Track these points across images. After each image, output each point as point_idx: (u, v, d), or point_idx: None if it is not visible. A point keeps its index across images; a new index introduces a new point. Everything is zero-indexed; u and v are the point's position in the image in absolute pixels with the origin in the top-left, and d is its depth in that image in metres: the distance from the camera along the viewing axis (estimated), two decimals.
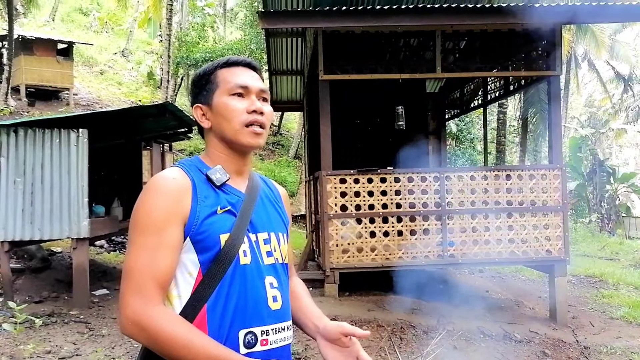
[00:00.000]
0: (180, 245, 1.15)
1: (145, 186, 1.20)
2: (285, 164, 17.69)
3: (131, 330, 1.10)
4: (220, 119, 1.25)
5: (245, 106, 1.25)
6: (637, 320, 6.19)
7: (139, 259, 1.12)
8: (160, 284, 1.12)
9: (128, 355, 4.51)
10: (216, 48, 17.26)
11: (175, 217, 1.14)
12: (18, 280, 6.59)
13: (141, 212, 1.15)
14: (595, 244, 13.58)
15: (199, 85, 1.31)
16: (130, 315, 1.09)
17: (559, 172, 6.04)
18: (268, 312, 1.20)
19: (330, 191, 5.87)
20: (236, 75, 1.28)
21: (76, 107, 15.39)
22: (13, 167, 5.87)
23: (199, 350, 1.07)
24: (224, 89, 1.26)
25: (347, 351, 1.27)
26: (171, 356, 1.09)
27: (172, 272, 1.14)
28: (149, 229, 1.13)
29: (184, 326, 1.10)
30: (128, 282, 1.11)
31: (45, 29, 20.53)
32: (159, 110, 7.16)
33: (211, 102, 1.27)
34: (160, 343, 1.08)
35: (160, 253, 1.12)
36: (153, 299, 1.10)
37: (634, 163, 32.80)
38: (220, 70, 1.29)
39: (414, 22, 5.86)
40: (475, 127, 17.84)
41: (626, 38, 25.73)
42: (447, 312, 5.86)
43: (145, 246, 1.12)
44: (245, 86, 1.26)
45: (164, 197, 1.15)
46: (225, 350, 1.10)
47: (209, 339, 1.11)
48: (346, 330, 1.25)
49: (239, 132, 1.24)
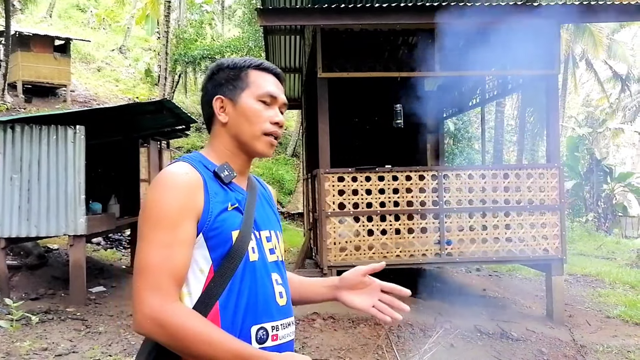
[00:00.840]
0: (193, 241, 1.14)
1: (156, 181, 1.17)
2: (283, 162, 17.68)
3: (149, 328, 1.07)
4: (243, 119, 1.24)
5: (270, 115, 1.26)
6: (633, 319, 6.21)
7: (154, 255, 1.10)
8: (176, 281, 1.11)
9: (125, 352, 4.51)
10: (214, 45, 17.24)
11: (189, 213, 1.13)
12: (14, 277, 6.57)
13: (154, 207, 1.13)
14: (592, 243, 13.62)
15: (226, 77, 1.27)
16: (148, 312, 1.07)
17: (556, 171, 6.05)
18: (277, 307, 1.22)
19: (328, 189, 5.86)
20: (268, 83, 1.28)
21: (73, 104, 15.34)
22: (9, 164, 5.84)
23: (219, 345, 1.07)
24: (254, 92, 1.25)
25: (369, 289, 1.37)
26: (191, 352, 1.08)
27: (187, 268, 1.13)
28: (163, 224, 1.11)
29: (203, 322, 1.09)
30: (144, 279, 1.09)
31: (43, 25, 20.44)
32: (156, 107, 7.13)
33: (237, 100, 1.25)
34: (181, 339, 1.07)
35: (176, 249, 1.11)
36: (171, 296, 1.09)
37: (630, 162, 32.90)
38: (252, 70, 1.28)
39: (412, 20, 5.85)
40: (473, 125, 17.85)
41: (624, 38, 25.75)
42: (444, 311, 5.87)
43: (160, 242, 1.10)
44: (274, 96, 1.27)
45: (177, 192, 1.13)
46: (244, 345, 1.11)
47: (227, 334, 1.10)
48: (364, 270, 1.35)
49: (258, 138, 1.25)
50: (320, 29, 6.02)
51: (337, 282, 1.38)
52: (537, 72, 6.48)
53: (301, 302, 1.47)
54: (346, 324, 5.23)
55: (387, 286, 1.36)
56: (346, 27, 6.11)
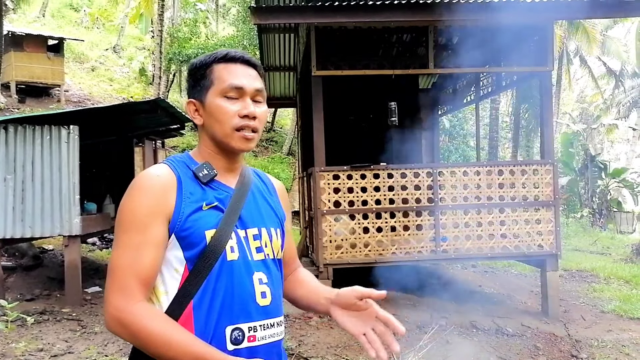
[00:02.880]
0: (164, 242, 1.15)
1: (131, 184, 1.19)
2: (279, 161, 17.66)
3: (114, 327, 1.11)
4: (212, 120, 1.22)
5: (238, 109, 1.21)
6: (627, 314, 6.25)
7: (122, 257, 1.13)
8: (142, 282, 1.12)
9: (121, 352, 4.50)
10: (208, 44, 17.18)
11: (158, 214, 1.13)
12: (9, 278, 6.54)
13: (125, 210, 1.15)
14: (586, 238, 13.69)
15: (194, 78, 1.26)
16: (112, 312, 1.10)
17: (550, 168, 6.07)
18: (256, 308, 1.19)
19: (323, 187, 5.87)
20: (232, 74, 1.22)
21: (67, 104, 15.26)
22: (3, 164, 5.81)
23: (179, 346, 1.07)
24: (218, 88, 1.21)
25: (365, 314, 1.25)
26: (152, 353, 1.10)
27: (156, 270, 1.14)
28: (133, 227, 1.13)
29: (165, 323, 1.10)
30: (111, 280, 1.12)
31: (36, 25, 20.33)
32: (151, 106, 7.12)
33: (204, 100, 1.23)
34: (141, 339, 1.09)
35: (144, 251, 1.12)
36: (135, 297, 1.10)
37: (625, 158, 33.05)
38: (217, 65, 1.23)
39: (406, 18, 5.85)
40: (468, 123, 17.90)
41: (617, 34, 25.88)
42: (440, 307, 5.89)
43: (128, 244, 1.12)
44: (240, 87, 1.21)
45: (147, 195, 1.14)
46: (205, 348, 1.10)
47: (190, 336, 1.10)
48: (361, 293, 1.23)
49: (229, 135, 1.21)
50: (314, 27, 6.01)
51: (334, 296, 1.29)
52: (531, 69, 6.50)
53: (309, 309, 1.44)
54: None
55: (384, 317, 1.23)
56: (340, 25, 6.11)
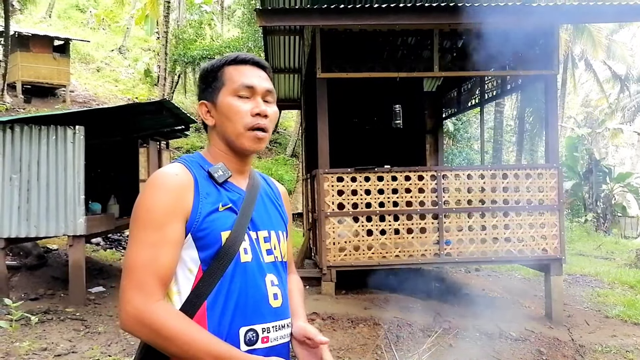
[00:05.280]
0: (181, 242, 1.14)
1: (147, 182, 1.19)
2: (283, 162, 17.67)
3: (132, 326, 1.09)
4: (224, 119, 1.24)
5: (250, 108, 1.23)
6: (632, 319, 6.22)
7: (140, 254, 1.11)
8: (161, 280, 1.11)
9: (124, 352, 4.51)
10: (213, 46, 17.23)
11: (177, 213, 1.13)
12: (14, 278, 6.57)
13: (143, 208, 1.15)
14: (591, 243, 13.63)
15: (206, 80, 1.28)
16: (131, 311, 1.08)
17: (555, 172, 6.06)
18: (269, 309, 1.21)
19: (327, 189, 5.87)
20: (243, 75, 1.25)
21: (72, 104, 15.33)
22: (9, 164, 5.84)
23: (200, 346, 1.08)
24: (229, 88, 1.24)
25: (314, 352, 1.28)
26: (172, 352, 1.09)
27: (174, 268, 1.14)
28: (151, 225, 1.12)
29: (186, 322, 1.10)
30: (129, 278, 1.11)
31: (42, 26, 20.43)
32: (156, 107, 7.14)
33: (216, 100, 1.25)
34: (162, 339, 1.08)
35: (162, 249, 1.11)
36: (154, 295, 1.10)
37: (629, 163, 32.93)
38: (227, 67, 1.26)
39: (412, 21, 5.85)
40: (472, 126, 17.86)
41: (623, 38, 25.81)
42: (443, 311, 5.87)
43: (146, 242, 1.12)
44: (251, 86, 1.24)
45: (165, 193, 1.14)
46: (225, 347, 1.11)
47: (210, 335, 1.11)
48: (308, 334, 1.27)
49: (242, 135, 1.23)
50: (320, 30, 6.03)
51: (294, 326, 1.31)
52: (536, 73, 6.48)
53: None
54: (345, 323, 5.23)
55: None
56: (345, 28, 6.12)
